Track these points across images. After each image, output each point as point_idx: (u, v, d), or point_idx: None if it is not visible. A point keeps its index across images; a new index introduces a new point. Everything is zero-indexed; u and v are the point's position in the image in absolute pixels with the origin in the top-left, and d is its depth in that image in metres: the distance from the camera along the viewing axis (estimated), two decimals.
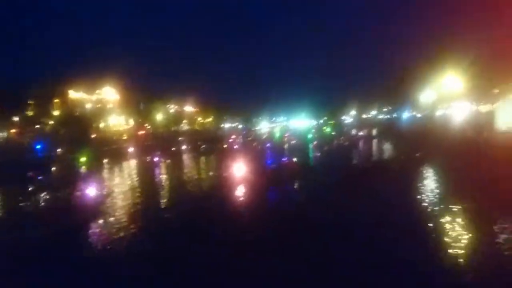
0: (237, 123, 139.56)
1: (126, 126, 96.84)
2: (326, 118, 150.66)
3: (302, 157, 47.10)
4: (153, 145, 72.61)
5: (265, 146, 68.08)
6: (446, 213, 19.41)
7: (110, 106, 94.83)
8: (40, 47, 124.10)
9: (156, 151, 61.25)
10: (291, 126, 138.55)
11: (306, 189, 28.90)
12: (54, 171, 44.86)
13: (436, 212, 20.05)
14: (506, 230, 16.24)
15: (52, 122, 79.40)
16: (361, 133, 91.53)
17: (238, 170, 33.80)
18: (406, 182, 27.87)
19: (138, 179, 40.90)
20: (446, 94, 57.94)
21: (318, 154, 57.31)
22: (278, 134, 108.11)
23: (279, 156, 39.73)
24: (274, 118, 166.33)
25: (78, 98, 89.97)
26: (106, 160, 58.10)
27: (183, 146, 74.51)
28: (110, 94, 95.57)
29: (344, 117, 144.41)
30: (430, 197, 23.45)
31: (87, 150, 56.30)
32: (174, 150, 69.55)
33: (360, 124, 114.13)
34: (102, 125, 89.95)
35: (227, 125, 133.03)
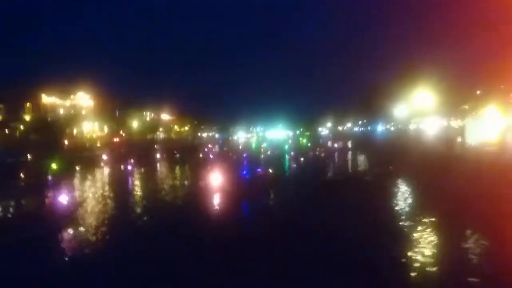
0: (213, 133, 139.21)
1: (100, 133, 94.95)
2: (302, 129, 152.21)
3: (278, 168, 47.25)
4: (127, 152, 71.35)
5: (241, 156, 67.99)
6: (414, 224, 19.89)
7: (84, 112, 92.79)
8: (12, 50, 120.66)
9: (130, 159, 60.13)
10: (268, 136, 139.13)
11: (280, 200, 28.86)
12: (22, 178, 43.37)
13: (405, 223, 20.51)
14: (472, 243, 16.60)
15: (22, 126, 77.09)
16: (336, 145, 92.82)
17: (213, 180, 33.59)
18: (379, 194, 28.53)
19: (110, 188, 39.98)
20: (418, 109, 59.31)
21: (294, 165, 57.64)
22: (254, 145, 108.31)
23: (255, 166, 39.73)
24: (251, 128, 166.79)
25: (50, 102, 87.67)
26: (78, 167, 56.65)
27: (159, 155, 73.56)
28: (84, 99, 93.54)
29: (320, 128, 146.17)
30: (401, 209, 23.93)
31: (59, 157, 54.67)
32: (149, 158, 68.54)
33: (335, 136, 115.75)
34: (75, 131, 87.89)
35: (204, 134, 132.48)
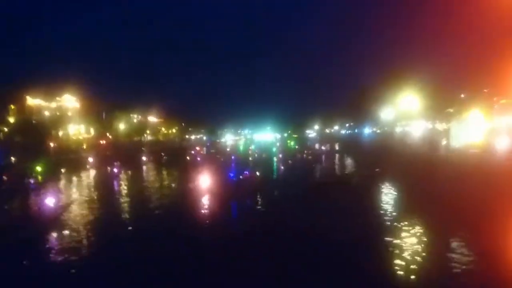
0: (201, 135, 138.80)
1: (86, 135, 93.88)
2: (290, 131, 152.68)
3: (266, 170, 47.31)
4: (114, 155, 70.64)
5: (229, 159, 67.86)
6: (399, 225, 20.13)
7: (70, 114, 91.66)
8: None
9: (117, 162, 59.54)
10: (256, 139, 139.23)
11: (267, 203, 28.81)
12: (5, 181, 42.61)
13: (390, 224, 20.81)
14: (456, 245, 16.82)
15: (7, 129, 75.82)
16: (324, 147, 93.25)
17: (200, 183, 33.57)
18: (365, 196, 28.83)
19: (96, 191, 39.55)
20: (404, 112, 60.06)
21: (282, 168, 57.73)
22: (242, 147, 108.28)
23: (243, 169, 39.67)
24: (239, 131, 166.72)
25: (36, 104, 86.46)
26: (64, 170, 55.91)
27: (145, 157, 72.99)
28: (70, 101, 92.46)
29: (308, 131, 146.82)
30: (387, 210, 24.19)
31: (44, 159, 53.89)
32: (136, 161, 67.98)
33: (323, 138, 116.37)
34: (61, 133, 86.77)
35: (192, 136, 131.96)
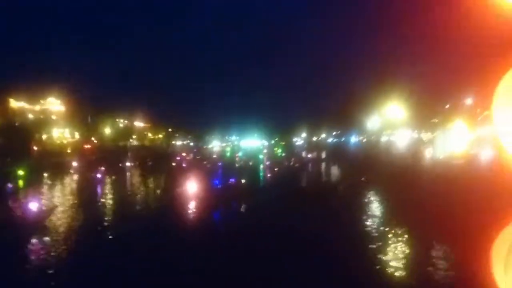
0: (188, 141, 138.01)
1: (71, 139, 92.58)
2: (277, 139, 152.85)
3: (252, 177, 47.15)
4: (99, 159, 69.75)
5: (215, 165, 67.55)
6: (382, 232, 20.27)
7: (54, 117, 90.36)
8: None
9: (101, 166, 58.74)
10: (243, 145, 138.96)
11: (251, 211, 28.52)
12: None
13: (373, 231, 21.10)
14: (437, 252, 16.95)
15: None
16: (310, 155, 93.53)
17: (185, 189, 33.27)
18: (350, 204, 28.91)
19: (78, 196, 38.82)
20: (390, 121, 60.67)
21: (269, 175, 57.67)
22: (229, 153, 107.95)
23: (229, 176, 39.45)
24: (226, 137, 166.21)
25: (19, 107, 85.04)
26: (47, 174, 54.94)
27: (131, 162, 72.24)
28: (54, 104, 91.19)
29: (295, 139, 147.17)
30: (370, 218, 24.33)
31: (26, 163, 52.96)
32: (120, 166, 67.22)
33: (310, 146, 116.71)
34: (45, 137, 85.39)
35: (178, 142, 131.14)
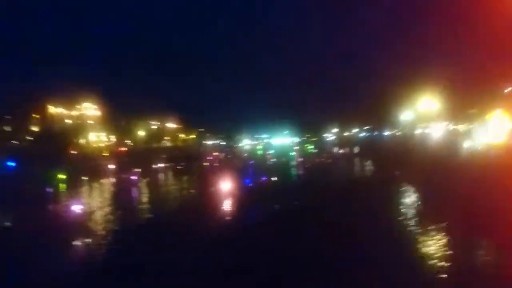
0: (219, 140, 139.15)
1: (106, 143, 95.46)
2: (308, 135, 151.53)
3: (284, 175, 47.02)
4: (133, 162, 71.57)
5: (246, 164, 67.85)
6: (419, 230, 19.71)
7: (90, 122, 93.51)
8: (19, 60, 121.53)
9: (136, 168, 60.30)
10: (274, 143, 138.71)
11: (285, 208, 28.01)
12: (28, 189, 43.50)
13: (410, 228, 20.50)
14: (476, 249, 16.34)
15: (29, 137, 77.77)
16: (342, 151, 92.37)
17: (218, 189, 33.54)
18: (385, 200, 28.22)
19: (116, 198, 40.03)
20: (424, 114, 59.07)
21: (301, 172, 57.35)
22: (260, 152, 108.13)
23: (260, 174, 39.51)
24: (256, 136, 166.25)
25: (57, 113, 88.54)
26: (84, 177, 56.85)
27: (164, 163, 73.71)
28: (90, 109, 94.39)
29: (326, 134, 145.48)
30: (407, 214, 23.70)
31: (65, 167, 55.01)
32: (154, 167, 68.70)
33: (342, 142, 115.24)
34: (82, 141, 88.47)
35: (209, 142, 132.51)
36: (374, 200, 28.26)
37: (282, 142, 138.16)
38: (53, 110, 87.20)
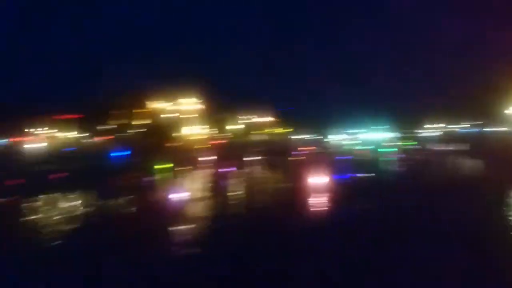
0: (310, 134, 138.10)
1: (204, 136, 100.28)
2: (408, 129, 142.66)
3: (379, 172, 44.54)
4: (228, 154, 74.21)
5: (338, 159, 65.75)
6: None
7: (189, 115, 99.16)
8: (122, 60, 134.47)
9: (233, 161, 62.58)
10: (368, 137, 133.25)
11: (379, 210, 25.37)
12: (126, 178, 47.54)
13: None
14: None
15: (135, 130, 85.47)
16: (447, 147, 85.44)
17: (308, 183, 33.05)
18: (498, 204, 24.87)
19: (213, 188, 41.66)
20: None
21: (398, 169, 53.91)
22: (353, 146, 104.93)
23: (353, 170, 37.64)
24: (348, 130, 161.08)
25: (159, 107, 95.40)
26: (181, 168, 60.17)
27: (258, 156, 75.40)
28: (189, 103, 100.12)
29: (428, 127, 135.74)
30: None
31: (164, 159, 59.56)
32: (249, 159, 70.81)
33: (447, 137, 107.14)
34: (180, 133, 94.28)
35: (301, 136, 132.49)
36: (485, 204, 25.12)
37: (379, 136, 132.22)
38: (155, 104, 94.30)
